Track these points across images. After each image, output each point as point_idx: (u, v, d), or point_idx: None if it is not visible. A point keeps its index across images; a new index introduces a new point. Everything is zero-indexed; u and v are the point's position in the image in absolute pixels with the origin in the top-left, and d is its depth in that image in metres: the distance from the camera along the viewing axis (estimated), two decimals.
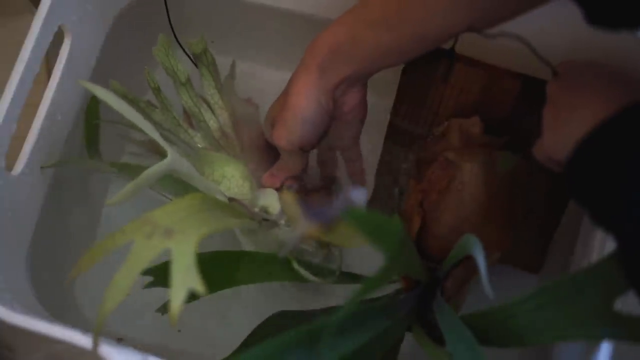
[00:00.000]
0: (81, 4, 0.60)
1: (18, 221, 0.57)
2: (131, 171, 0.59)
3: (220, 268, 0.53)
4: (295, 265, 0.54)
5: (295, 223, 0.39)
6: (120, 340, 0.57)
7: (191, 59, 0.64)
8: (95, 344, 0.42)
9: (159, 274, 0.50)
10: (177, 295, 0.39)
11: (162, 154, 0.62)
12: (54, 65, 0.59)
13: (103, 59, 0.64)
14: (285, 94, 0.54)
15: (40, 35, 0.54)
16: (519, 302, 0.42)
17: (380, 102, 0.63)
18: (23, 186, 0.57)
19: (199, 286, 0.39)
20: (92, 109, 0.63)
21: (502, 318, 0.43)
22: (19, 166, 0.56)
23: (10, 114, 0.53)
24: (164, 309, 0.53)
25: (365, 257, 0.64)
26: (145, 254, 0.41)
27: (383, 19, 0.48)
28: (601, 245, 0.48)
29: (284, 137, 0.54)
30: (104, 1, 0.64)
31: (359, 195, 0.38)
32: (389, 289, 0.55)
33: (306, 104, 0.51)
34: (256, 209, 0.58)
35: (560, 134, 0.45)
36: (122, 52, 0.67)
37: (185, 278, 0.39)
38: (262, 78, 0.72)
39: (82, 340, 0.44)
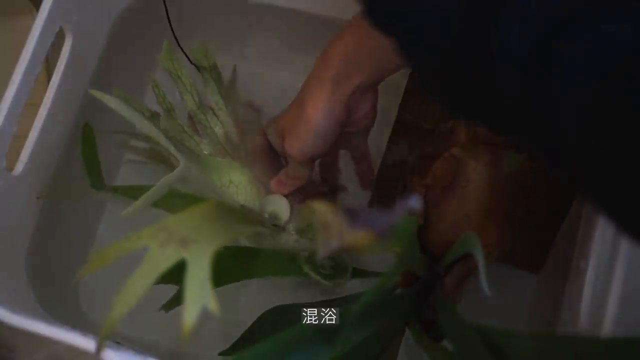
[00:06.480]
0: (82, 5, 0.60)
1: (18, 221, 0.57)
2: (131, 193, 0.59)
3: (235, 263, 0.53)
4: (306, 269, 0.54)
5: (331, 232, 0.38)
6: (118, 344, 0.57)
7: (191, 62, 0.64)
8: (100, 350, 0.42)
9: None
10: (190, 313, 0.37)
11: (163, 161, 0.62)
12: (54, 66, 0.59)
13: (104, 60, 0.64)
14: (298, 106, 0.53)
15: (42, 36, 0.54)
16: (520, 335, 0.42)
17: (387, 99, 0.63)
18: (23, 186, 0.56)
19: (212, 304, 0.37)
20: (88, 135, 0.62)
21: (499, 339, 0.43)
22: (20, 166, 0.56)
23: (11, 114, 0.53)
24: (168, 306, 0.53)
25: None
26: (159, 263, 0.40)
27: None
28: (600, 246, 0.48)
29: (295, 148, 0.54)
30: (105, 2, 0.64)
31: (415, 203, 0.36)
32: (386, 285, 0.55)
33: (322, 117, 0.51)
34: (265, 215, 0.58)
35: None
36: (123, 52, 0.67)
37: (200, 295, 0.38)
38: (264, 79, 0.72)
39: (81, 341, 0.44)
